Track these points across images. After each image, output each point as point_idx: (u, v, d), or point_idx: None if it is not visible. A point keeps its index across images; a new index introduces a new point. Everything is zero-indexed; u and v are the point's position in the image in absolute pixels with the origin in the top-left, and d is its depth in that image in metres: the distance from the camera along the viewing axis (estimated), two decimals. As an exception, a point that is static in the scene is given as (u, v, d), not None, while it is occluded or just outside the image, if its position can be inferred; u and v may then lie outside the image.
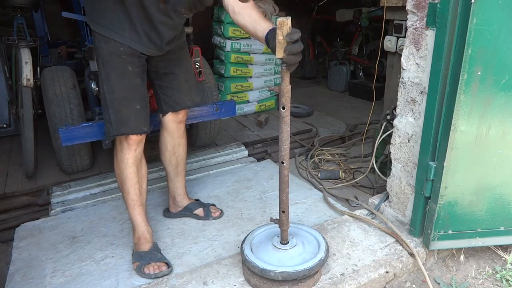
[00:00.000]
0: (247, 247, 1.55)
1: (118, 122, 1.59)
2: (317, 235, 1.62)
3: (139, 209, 1.70)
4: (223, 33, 3.49)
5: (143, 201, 1.73)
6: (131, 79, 1.59)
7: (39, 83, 2.55)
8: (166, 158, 1.94)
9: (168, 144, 1.91)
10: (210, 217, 2.02)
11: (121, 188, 1.71)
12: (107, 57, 1.54)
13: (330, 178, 2.52)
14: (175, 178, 1.98)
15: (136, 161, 1.67)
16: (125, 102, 1.58)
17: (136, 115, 1.59)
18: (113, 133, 1.59)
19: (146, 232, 1.72)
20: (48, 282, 1.64)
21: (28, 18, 2.96)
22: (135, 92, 1.61)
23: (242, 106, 3.66)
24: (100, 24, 1.53)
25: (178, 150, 1.93)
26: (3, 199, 2.35)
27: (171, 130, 1.88)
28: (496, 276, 1.68)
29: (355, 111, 3.83)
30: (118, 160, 1.67)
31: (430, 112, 1.54)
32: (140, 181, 1.70)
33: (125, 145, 1.63)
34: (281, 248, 1.53)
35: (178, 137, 1.91)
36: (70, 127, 2.10)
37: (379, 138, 2.21)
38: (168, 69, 1.77)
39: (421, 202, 1.67)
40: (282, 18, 1.22)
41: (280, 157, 1.41)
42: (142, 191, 1.72)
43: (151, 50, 1.61)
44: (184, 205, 2.03)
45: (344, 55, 4.90)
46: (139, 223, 1.71)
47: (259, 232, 1.66)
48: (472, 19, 1.31)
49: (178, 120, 1.88)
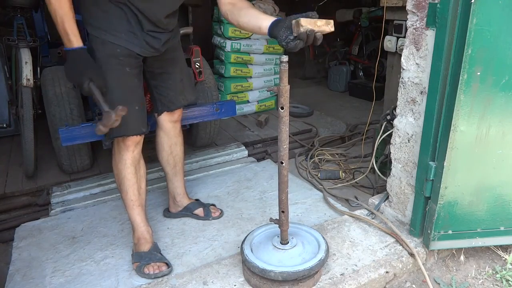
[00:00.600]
0: (247, 247, 1.55)
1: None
2: (317, 235, 1.62)
3: (138, 209, 1.70)
4: (223, 33, 3.49)
5: (142, 201, 1.72)
6: (129, 81, 1.58)
7: (39, 83, 2.55)
8: (164, 158, 1.94)
9: (164, 144, 1.91)
10: (210, 217, 2.02)
11: (119, 189, 1.71)
12: (104, 59, 1.53)
13: (330, 178, 2.52)
14: (173, 177, 1.98)
15: (134, 162, 1.66)
16: (124, 103, 1.54)
17: (135, 116, 1.59)
18: (113, 135, 1.57)
19: (146, 232, 1.72)
20: (48, 282, 1.64)
21: (28, 18, 2.96)
22: (134, 93, 1.60)
23: (242, 106, 3.66)
24: (96, 27, 1.52)
25: (175, 149, 1.93)
26: (3, 199, 2.36)
27: (167, 129, 1.88)
28: (496, 276, 1.68)
29: (355, 111, 3.83)
30: (116, 161, 1.67)
31: (430, 112, 1.54)
32: (139, 181, 1.70)
33: (123, 146, 1.62)
34: (281, 248, 1.53)
35: (175, 136, 1.91)
36: (70, 127, 2.10)
37: (379, 138, 2.21)
38: (163, 69, 1.77)
39: (421, 202, 1.67)
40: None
41: (280, 157, 1.41)
42: (141, 192, 1.72)
43: (147, 51, 1.61)
44: (184, 205, 2.03)
45: (344, 55, 4.90)
46: (138, 223, 1.71)
47: (259, 232, 1.66)
48: (472, 19, 1.31)
49: (173, 120, 1.88)
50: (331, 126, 3.43)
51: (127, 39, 1.54)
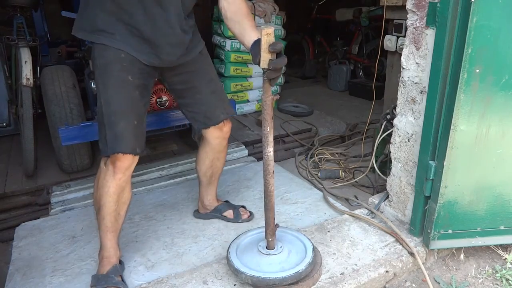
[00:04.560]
0: (234, 246, 1.58)
1: (113, 138, 1.44)
2: (308, 246, 1.57)
3: (111, 235, 1.58)
4: (223, 32, 3.49)
5: (118, 227, 1.59)
6: (129, 91, 1.46)
7: (39, 82, 2.55)
8: (202, 170, 1.89)
9: (207, 159, 1.84)
10: (240, 219, 1.98)
11: (96, 211, 1.58)
12: (105, 65, 1.44)
13: (330, 178, 2.52)
14: (207, 186, 1.96)
15: (118, 190, 1.50)
16: (122, 115, 1.45)
17: (131, 132, 1.46)
18: (108, 152, 1.45)
19: (113, 256, 1.60)
20: (48, 281, 1.64)
21: (28, 18, 2.95)
22: (133, 105, 1.48)
23: (242, 106, 3.66)
24: (98, 33, 1.43)
25: (216, 163, 1.87)
26: (3, 198, 2.35)
27: (214, 145, 1.80)
28: (496, 276, 1.68)
29: (355, 110, 3.82)
30: (98, 184, 1.52)
31: (430, 112, 1.54)
32: (118, 209, 1.55)
33: (110, 171, 1.47)
34: (264, 253, 1.54)
35: (219, 151, 1.84)
36: (70, 127, 2.10)
37: (379, 138, 2.21)
38: (187, 84, 1.66)
39: (421, 201, 1.67)
40: (266, 27, 1.22)
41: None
42: (119, 218, 1.58)
43: (156, 61, 1.51)
44: (213, 207, 2.01)
45: (344, 55, 4.89)
46: (107, 248, 1.59)
47: (253, 233, 1.67)
48: (472, 18, 1.31)
49: (222, 137, 1.79)
50: (331, 126, 3.43)
51: (133, 46, 1.45)
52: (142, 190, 2.35)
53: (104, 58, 1.45)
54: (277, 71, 1.29)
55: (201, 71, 1.68)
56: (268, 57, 1.25)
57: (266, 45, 1.23)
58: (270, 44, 1.23)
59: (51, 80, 2.40)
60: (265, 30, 1.21)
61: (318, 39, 5.33)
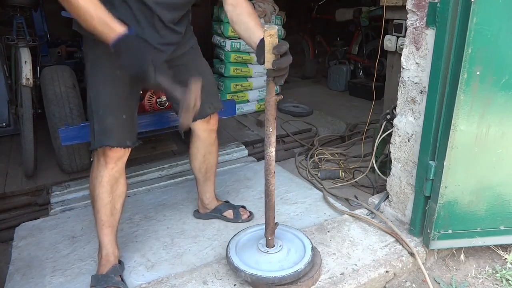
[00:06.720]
0: (233, 243, 1.58)
1: (101, 132, 1.47)
2: (307, 245, 1.56)
3: (107, 230, 1.60)
4: (222, 32, 3.49)
5: (114, 222, 1.61)
6: (119, 86, 1.48)
7: (39, 82, 2.55)
8: (196, 166, 1.91)
9: (198, 153, 1.86)
10: (240, 219, 1.99)
11: (92, 205, 1.60)
12: (95, 59, 1.45)
13: (330, 178, 2.52)
14: (204, 183, 1.97)
15: (112, 181, 1.53)
16: (111, 109, 1.46)
17: (121, 126, 1.48)
18: (96, 144, 1.48)
19: (111, 254, 1.61)
20: (48, 281, 1.64)
21: (27, 18, 2.95)
22: (123, 100, 1.50)
23: (242, 106, 3.66)
24: None
25: (209, 158, 1.89)
26: (3, 198, 2.35)
27: (202, 138, 1.82)
28: (496, 276, 1.68)
29: (355, 110, 3.83)
30: (92, 176, 1.55)
31: (430, 112, 1.54)
32: (113, 201, 1.57)
33: (102, 161, 1.50)
34: (263, 251, 1.53)
35: (210, 144, 1.86)
36: (69, 127, 2.10)
37: (379, 138, 2.21)
38: (176, 78, 1.63)
39: (421, 201, 1.67)
40: (269, 28, 1.21)
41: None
42: (114, 212, 1.59)
43: None
44: (213, 207, 2.01)
45: (344, 55, 4.90)
46: (105, 244, 1.60)
47: (253, 230, 1.67)
48: (472, 18, 1.31)
49: (209, 128, 1.81)
50: (331, 126, 3.43)
51: None
52: (142, 190, 2.35)
53: (94, 53, 1.47)
54: (282, 71, 1.28)
55: (190, 65, 1.70)
56: (272, 57, 1.24)
57: (269, 46, 1.23)
58: (274, 47, 1.22)
59: (51, 80, 2.40)
60: (268, 31, 1.20)
61: (318, 39, 5.33)
